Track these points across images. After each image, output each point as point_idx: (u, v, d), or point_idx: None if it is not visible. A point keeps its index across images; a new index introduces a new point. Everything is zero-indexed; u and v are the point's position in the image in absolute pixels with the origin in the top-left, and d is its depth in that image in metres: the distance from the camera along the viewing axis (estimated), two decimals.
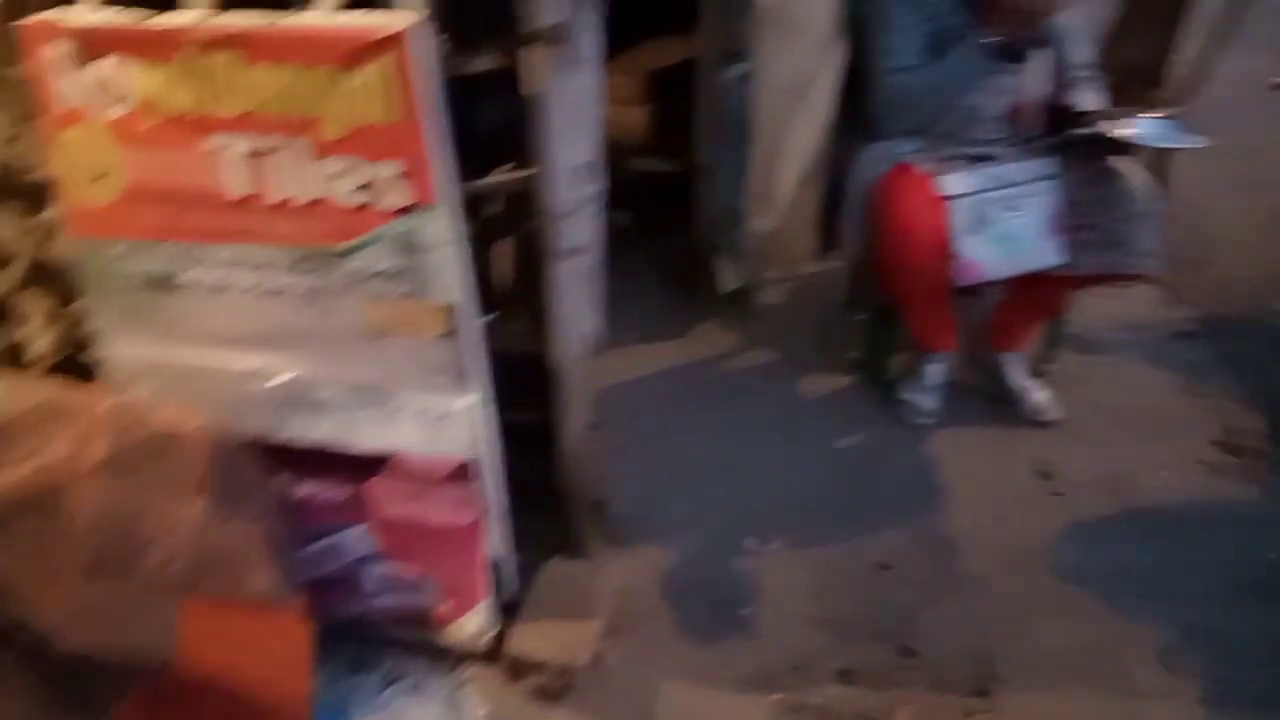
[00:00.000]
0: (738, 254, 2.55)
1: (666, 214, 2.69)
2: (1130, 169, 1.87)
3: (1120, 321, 2.41)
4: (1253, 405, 2.16)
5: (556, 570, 1.70)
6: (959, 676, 1.60)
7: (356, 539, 1.55)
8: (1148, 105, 2.47)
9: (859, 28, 2.07)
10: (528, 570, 1.66)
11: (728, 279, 2.56)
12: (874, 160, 1.97)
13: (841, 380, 2.33)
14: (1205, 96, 2.50)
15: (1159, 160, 2.63)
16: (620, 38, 3.07)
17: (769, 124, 2.50)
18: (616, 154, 3.10)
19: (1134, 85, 2.63)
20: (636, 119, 3.01)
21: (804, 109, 2.66)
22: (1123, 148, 1.83)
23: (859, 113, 2.05)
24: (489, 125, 1.41)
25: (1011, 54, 1.88)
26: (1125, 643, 1.63)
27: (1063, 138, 1.90)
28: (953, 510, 1.93)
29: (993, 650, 1.63)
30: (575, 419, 1.62)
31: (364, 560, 1.57)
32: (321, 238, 1.31)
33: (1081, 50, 2.00)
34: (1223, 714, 1.51)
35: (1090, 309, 2.35)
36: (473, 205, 1.50)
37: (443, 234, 1.26)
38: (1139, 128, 1.80)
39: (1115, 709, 1.53)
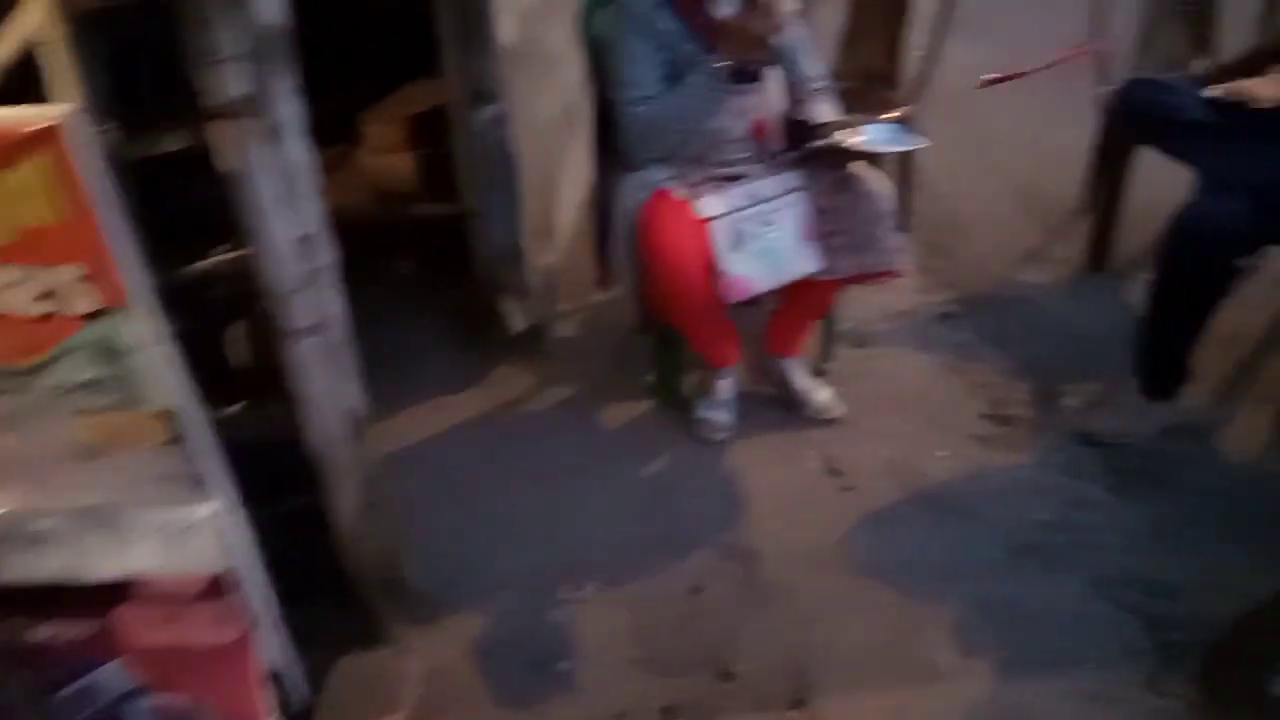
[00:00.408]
0: (523, 293, 2.51)
1: (450, 259, 2.62)
2: (868, 173, 1.97)
3: (888, 311, 2.55)
4: (1014, 375, 2.33)
5: (354, 665, 1.59)
6: (776, 691, 1.62)
7: (112, 676, 1.39)
8: (886, 106, 2.64)
9: (599, 60, 2.08)
10: (321, 671, 1.54)
11: (517, 319, 2.52)
12: (633, 190, 1.99)
13: (641, 406, 2.33)
14: (937, 90, 2.69)
15: (904, 157, 2.81)
16: (378, 84, 2.99)
17: (536, 161, 2.48)
18: (390, 203, 3.02)
19: (871, 88, 2.80)
20: (405, 166, 2.92)
21: (572, 141, 2.66)
22: (858, 155, 1.92)
23: (616, 143, 2.06)
24: (202, 205, 1.30)
25: (745, 75, 1.94)
26: (923, 628, 1.70)
27: (803, 151, 1.98)
28: (754, 521, 1.96)
29: (805, 659, 1.66)
30: (349, 500, 1.52)
31: (126, 698, 1.40)
32: (7, 356, 1.16)
33: (812, 63, 2.09)
34: (1018, 683, 1.60)
35: (860, 303, 2.48)
36: (195, 292, 1.38)
37: (144, 335, 1.14)
38: (868, 135, 1.90)
39: (920, 696, 1.59)
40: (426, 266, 2.85)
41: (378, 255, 2.91)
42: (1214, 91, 1.93)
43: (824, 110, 2.04)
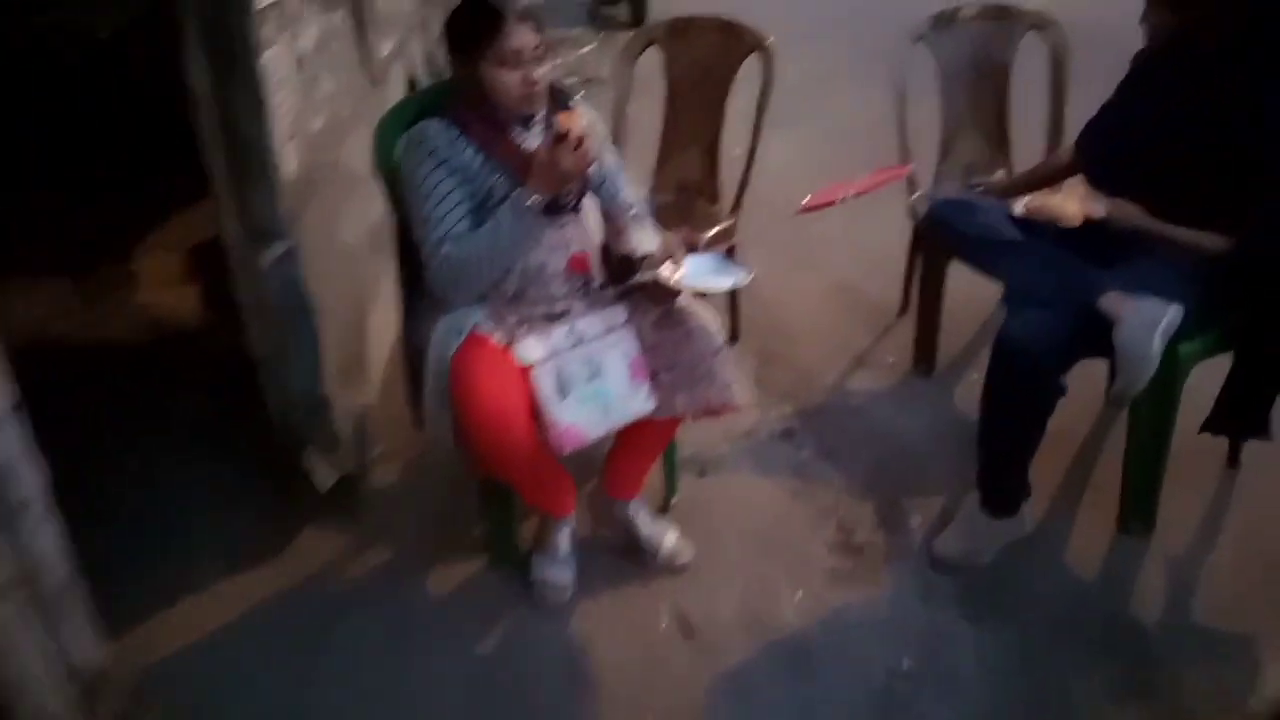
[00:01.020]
0: (330, 443, 2.23)
1: (246, 401, 2.30)
2: (695, 304, 1.86)
3: (729, 433, 2.44)
4: (859, 495, 2.26)
5: None
6: None
7: None
8: (706, 221, 2.58)
9: (398, 195, 1.89)
10: None
11: (323, 475, 2.22)
12: (444, 337, 1.78)
13: (471, 566, 2.09)
14: (754, 192, 2.65)
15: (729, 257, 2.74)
16: (156, 206, 2.68)
17: (343, 290, 2.24)
18: (171, 340, 2.67)
19: (690, 201, 2.75)
20: (189, 300, 2.60)
21: (382, 269, 2.44)
22: (680, 292, 1.81)
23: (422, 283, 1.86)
24: None
25: (560, 207, 1.80)
26: None
27: (625, 286, 1.85)
28: (604, 699, 1.75)
29: None
30: None
31: None
32: None
33: (627, 189, 1.98)
34: None
35: (699, 427, 2.34)
36: None
37: None
38: (689, 268, 1.79)
39: None
40: (218, 410, 2.51)
41: (159, 398, 2.55)
42: (1020, 209, 1.97)
43: (644, 239, 1.92)
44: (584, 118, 1.92)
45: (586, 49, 7.22)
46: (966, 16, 2.71)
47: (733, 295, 2.80)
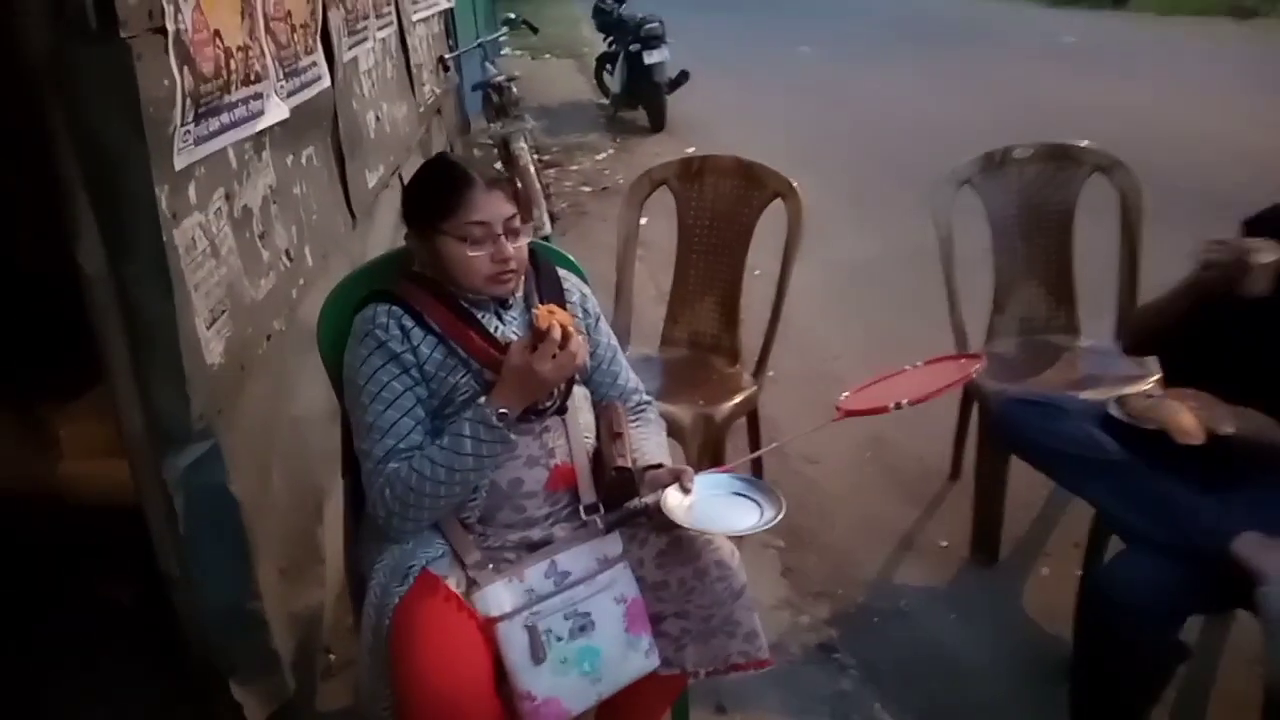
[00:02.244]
0: (265, 666, 1.82)
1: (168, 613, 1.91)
2: (713, 534, 1.47)
3: None
4: None
5: None
6: None
7: None
8: (726, 384, 2.21)
9: (338, 392, 1.54)
10: None
11: (257, 706, 1.81)
12: (386, 581, 1.39)
13: None
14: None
15: (750, 416, 2.37)
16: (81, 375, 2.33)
17: (289, 485, 1.88)
18: (97, 518, 2.30)
19: (705, 359, 2.38)
20: (117, 473, 2.23)
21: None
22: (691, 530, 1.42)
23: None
24: None
25: (539, 411, 1.44)
26: None
27: (622, 512, 1.47)
28: None
29: None
30: None
31: None
32: None
33: (626, 376, 1.62)
34: None
35: None
36: None
37: None
38: (700, 497, 1.41)
39: None
40: (134, 616, 2.12)
41: (64, 593, 2.17)
42: (1119, 412, 1.57)
43: (648, 444, 1.55)
44: (575, 294, 1.58)
45: (603, 155, 7.05)
46: (1021, 158, 2.39)
47: (753, 438, 2.41)
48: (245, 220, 1.76)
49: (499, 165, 4.60)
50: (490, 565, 1.42)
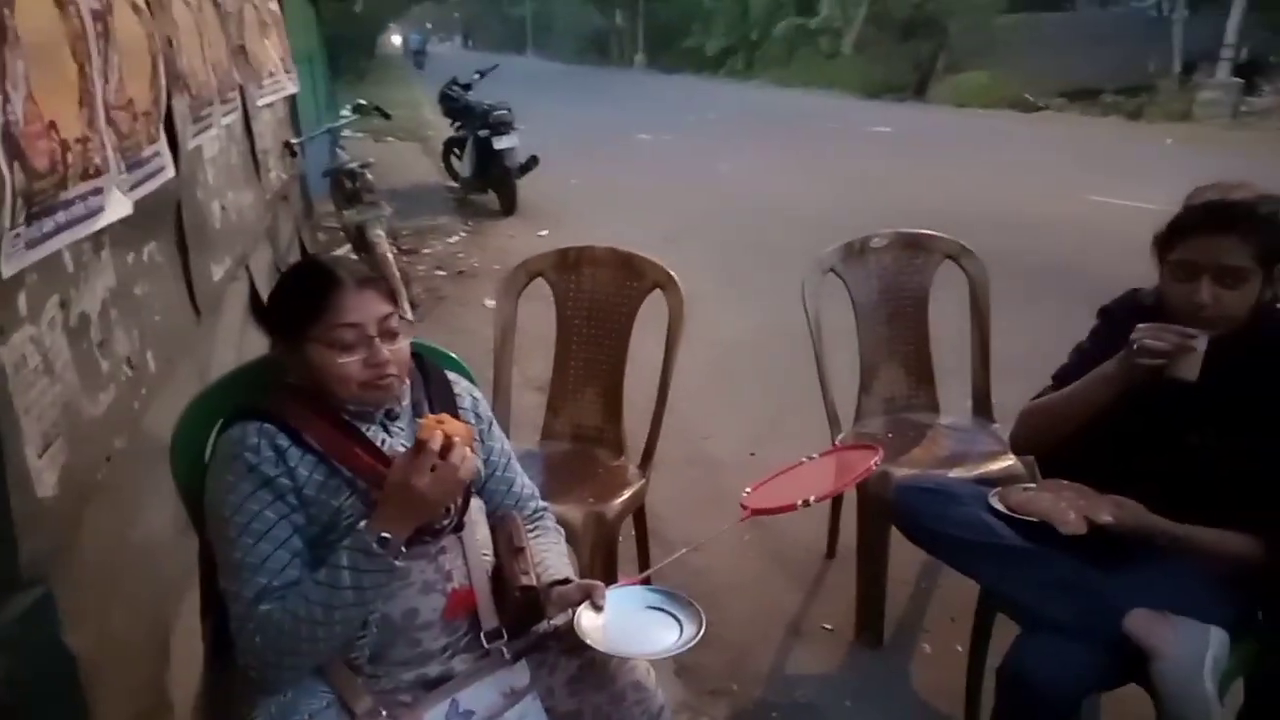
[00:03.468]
0: None
1: None
2: (634, 657, 1.38)
3: None
4: None
5: None
6: None
7: None
8: (613, 477, 2.15)
9: (196, 523, 1.37)
10: None
11: None
12: None
13: None
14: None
15: (637, 512, 2.32)
16: None
17: (135, 625, 1.65)
18: None
19: (592, 450, 2.32)
20: None
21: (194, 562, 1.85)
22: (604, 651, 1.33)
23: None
24: None
25: (433, 531, 1.33)
26: None
27: (532, 636, 1.36)
28: None
29: None
30: None
31: None
32: None
33: (521, 482, 1.54)
34: None
35: None
36: None
37: None
38: (613, 614, 1.33)
39: None
40: None
41: None
42: (998, 504, 1.62)
43: (551, 556, 1.47)
44: (466, 398, 1.49)
45: (455, 239, 6.96)
46: (878, 247, 2.51)
47: (640, 534, 2.35)
48: (82, 329, 1.57)
49: (351, 253, 4.43)
50: (384, 712, 1.27)
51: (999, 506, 1.62)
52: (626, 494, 2.09)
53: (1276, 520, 1.46)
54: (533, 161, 7.73)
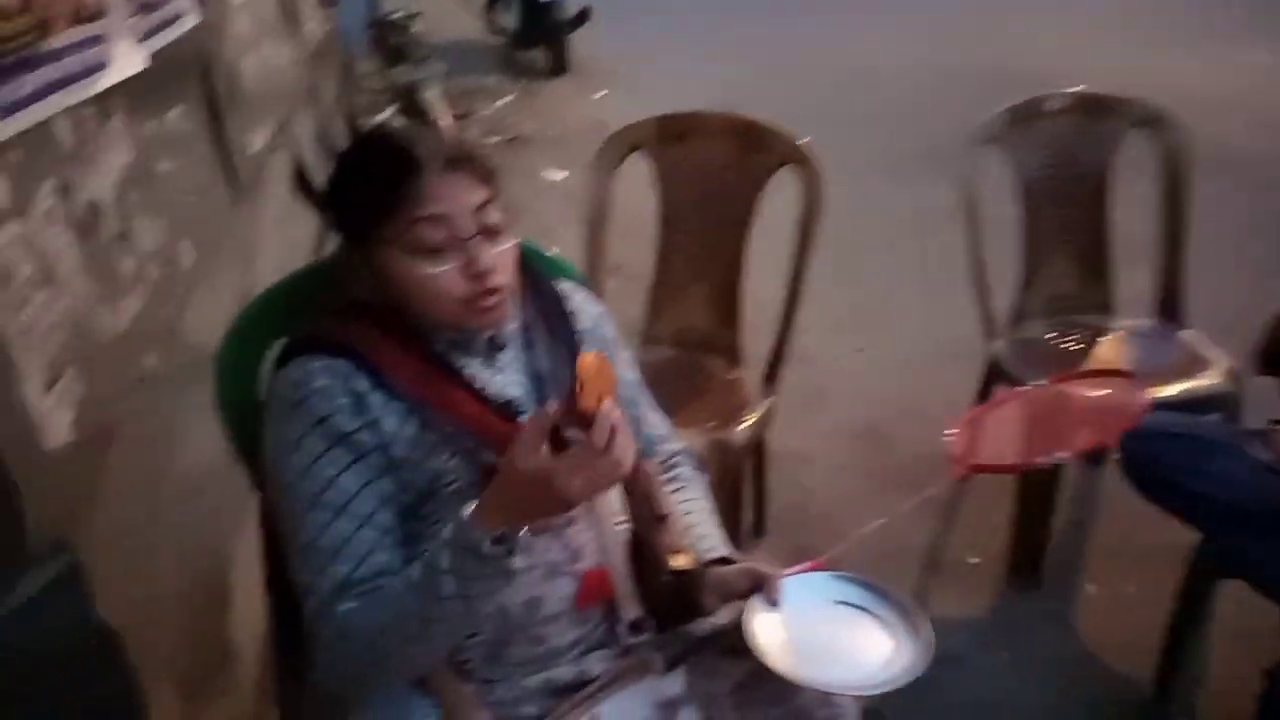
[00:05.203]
0: None
1: None
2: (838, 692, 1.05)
3: None
4: None
5: None
6: None
7: None
8: (730, 393, 1.81)
9: (261, 479, 1.06)
10: None
11: None
12: None
13: None
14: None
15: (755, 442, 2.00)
16: None
17: (156, 619, 1.37)
18: None
19: (701, 360, 1.96)
20: None
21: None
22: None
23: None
24: None
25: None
26: None
27: (687, 640, 1.05)
28: None
29: None
30: None
31: None
32: None
33: (650, 418, 1.20)
34: None
35: None
36: None
37: None
38: (791, 607, 1.00)
39: None
40: None
41: None
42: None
43: (702, 525, 1.14)
44: (585, 317, 1.14)
45: (505, 101, 6.42)
46: (1052, 110, 2.04)
47: (757, 466, 2.04)
48: (92, 221, 1.22)
49: (400, 118, 3.99)
50: None
51: (1266, 458, 1.24)
52: (752, 417, 1.75)
53: None
54: (585, 14, 7.05)
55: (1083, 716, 1.72)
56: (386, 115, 4.91)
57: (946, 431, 1.20)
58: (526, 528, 0.88)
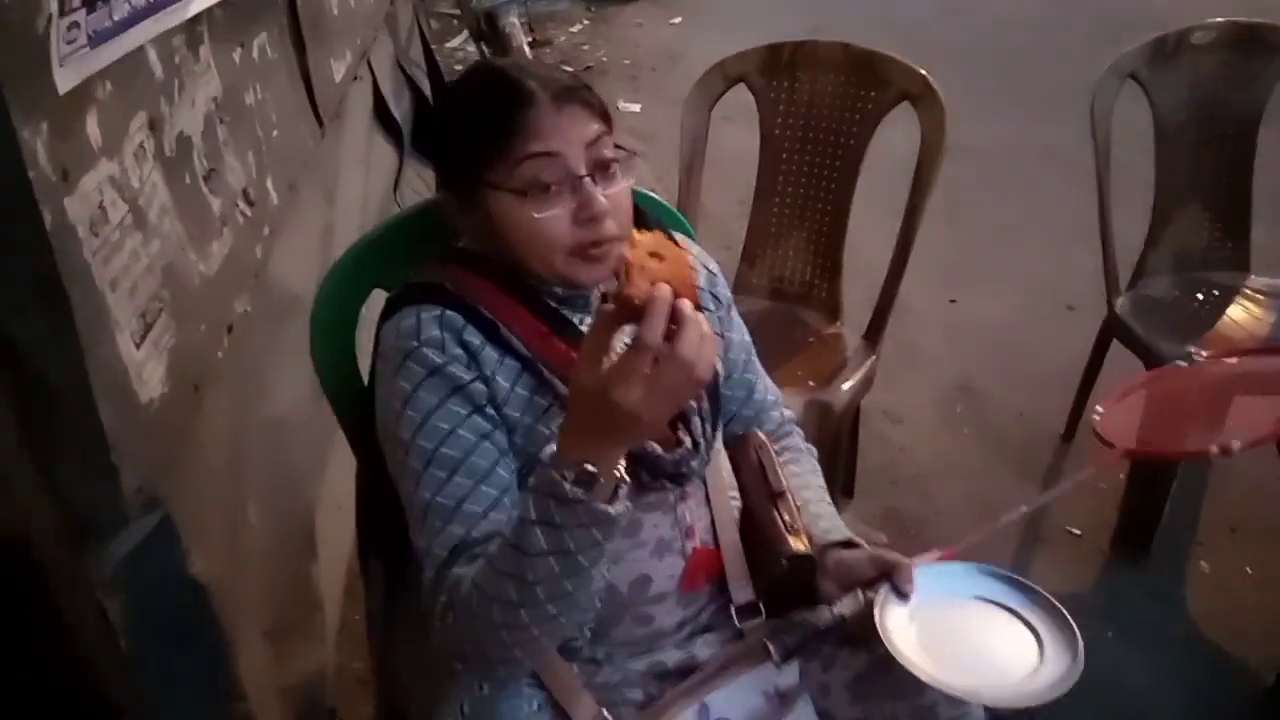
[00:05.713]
0: None
1: None
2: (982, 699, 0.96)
3: None
4: None
5: None
6: None
7: None
8: (828, 347, 1.71)
9: (362, 438, 1.01)
10: None
11: None
12: None
13: None
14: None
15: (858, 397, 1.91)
16: None
17: (244, 571, 1.36)
18: None
19: (797, 311, 1.86)
20: None
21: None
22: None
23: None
24: None
25: (679, 473, 0.93)
26: None
27: (805, 629, 0.98)
28: None
29: None
30: None
31: None
32: None
33: (760, 384, 1.12)
34: None
35: None
36: None
37: None
38: (923, 599, 0.92)
39: None
40: None
41: None
42: None
43: (818, 503, 1.06)
44: (700, 271, 1.05)
45: (578, 28, 6.22)
46: (1201, 43, 1.84)
47: (850, 425, 1.93)
48: (183, 157, 1.16)
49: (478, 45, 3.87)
50: (606, 709, 0.93)
51: None
52: (855, 377, 1.65)
53: None
54: None
55: (1198, 704, 1.62)
56: (461, 40, 4.79)
57: (1096, 410, 1.09)
58: (621, 468, 0.78)
